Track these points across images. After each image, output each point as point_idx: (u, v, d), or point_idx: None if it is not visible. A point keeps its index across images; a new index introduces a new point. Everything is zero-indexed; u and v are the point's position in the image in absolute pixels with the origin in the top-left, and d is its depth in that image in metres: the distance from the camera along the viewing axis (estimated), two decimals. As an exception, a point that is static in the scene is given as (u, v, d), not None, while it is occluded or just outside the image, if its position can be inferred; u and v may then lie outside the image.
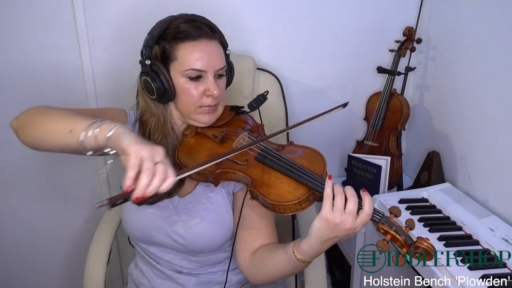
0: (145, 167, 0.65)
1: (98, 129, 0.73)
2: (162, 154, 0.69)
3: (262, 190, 0.82)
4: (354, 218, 0.76)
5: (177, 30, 0.91)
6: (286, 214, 0.82)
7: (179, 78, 0.92)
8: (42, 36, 1.34)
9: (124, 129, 0.72)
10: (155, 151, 0.68)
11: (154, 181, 0.65)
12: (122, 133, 0.71)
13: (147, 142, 0.70)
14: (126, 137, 0.70)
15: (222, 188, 0.99)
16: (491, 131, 1.24)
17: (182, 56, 0.90)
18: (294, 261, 0.84)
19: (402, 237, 0.76)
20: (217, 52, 0.94)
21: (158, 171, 0.66)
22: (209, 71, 0.92)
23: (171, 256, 1.03)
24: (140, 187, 0.65)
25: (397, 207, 0.80)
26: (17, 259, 1.59)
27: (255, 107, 1.03)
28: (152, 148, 0.68)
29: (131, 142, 0.68)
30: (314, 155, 0.90)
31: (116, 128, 0.72)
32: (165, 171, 0.67)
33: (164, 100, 0.94)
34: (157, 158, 0.67)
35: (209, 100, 0.93)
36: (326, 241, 0.79)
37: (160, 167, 0.67)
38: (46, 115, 0.83)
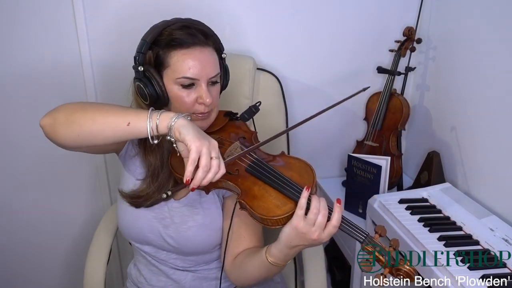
0: (203, 163, 0.74)
1: (158, 119, 0.79)
2: (217, 148, 0.77)
3: (250, 202, 0.83)
4: (322, 230, 0.79)
5: (170, 37, 0.90)
6: (274, 227, 0.82)
7: (172, 86, 0.91)
8: (42, 36, 1.34)
9: (184, 121, 0.78)
10: (212, 147, 0.76)
11: (209, 175, 0.75)
12: (183, 126, 0.77)
13: (204, 134, 0.78)
14: (188, 130, 0.76)
15: (213, 193, 1.00)
16: (491, 131, 1.24)
17: (175, 64, 0.90)
18: (267, 265, 0.86)
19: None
20: (211, 59, 0.93)
21: (213, 166, 0.75)
22: (202, 79, 0.91)
23: (165, 256, 1.04)
24: (197, 179, 0.74)
25: (382, 227, 0.82)
26: (17, 259, 1.59)
27: (247, 118, 1.04)
28: (209, 143, 0.76)
29: (193, 137, 0.75)
30: (305, 168, 0.90)
31: (177, 119, 0.78)
32: (218, 165, 0.76)
33: (157, 106, 0.93)
34: (213, 154, 0.76)
35: (201, 108, 0.93)
36: (294, 247, 0.82)
37: (215, 162, 0.76)
38: (94, 110, 0.84)
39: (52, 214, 1.56)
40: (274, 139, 0.90)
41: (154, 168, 0.97)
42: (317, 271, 1.14)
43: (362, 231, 0.80)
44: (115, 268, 1.63)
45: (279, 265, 0.86)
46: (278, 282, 1.14)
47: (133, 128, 0.80)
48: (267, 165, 0.89)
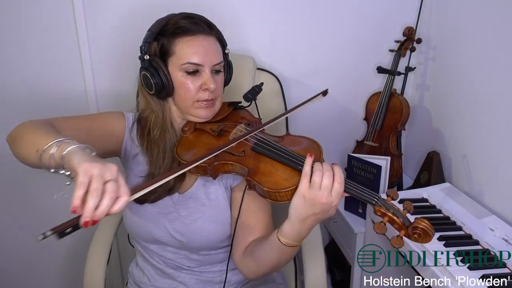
0: (93, 187, 0.60)
1: (56, 148, 0.70)
2: (114, 171, 0.63)
3: (258, 178, 0.83)
4: (329, 192, 0.78)
5: (175, 26, 0.92)
6: (283, 201, 0.82)
7: (177, 73, 0.93)
8: (42, 36, 1.34)
9: (78, 149, 0.68)
10: (107, 169, 0.63)
11: (103, 202, 0.60)
12: (75, 152, 0.67)
13: (101, 160, 0.65)
14: (77, 155, 0.65)
15: (220, 183, 1.00)
16: (491, 131, 1.24)
17: (179, 51, 0.92)
18: (279, 246, 0.85)
19: (400, 219, 0.76)
20: (214, 47, 0.95)
21: (108, 190, 0.61)
22: (206, 65, 0.93)
23: (172, 255, 1.03)
24: (86, 209, 0.59)
25: (394, 191, 0.81)
26: (17, 259, 1.59)
27: (250, 98, 1.04)
28: (103, 165, 0.63)
29: (80, 160, 0.63)
30: (311, 144, 0.91)
31: (71, 147, 0.68)
32: (115, 190, 0.62)
33: (162, 95, 0.95)
34: (107, 176, 0.62)
35: (206, 94, 0.94)
36: (305, 220, 0.80)
37: (110, 186, 0.61)
38: (26, 131, 0.81)
39: (52, 214, 1.56)
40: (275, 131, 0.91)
41: (156, 159, 0.97)
42: (317, 271, 1.14)
43: (373, 193, 0.79)
44: (115, 268, 1.63)
45: (291, 246, 0.85)
46: (280, 283, 1.14)
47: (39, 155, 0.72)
48: (273, 142, 0.90)
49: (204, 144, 0.95)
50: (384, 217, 0.77)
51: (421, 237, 0.74)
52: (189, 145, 0.96)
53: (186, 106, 0.96)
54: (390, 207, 0.78)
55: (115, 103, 1.43)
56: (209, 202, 0.99)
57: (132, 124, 1.02)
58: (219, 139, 0.96)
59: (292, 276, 1.29)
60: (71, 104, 1.43)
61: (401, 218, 0.76)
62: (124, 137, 1.01)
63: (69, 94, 1.41)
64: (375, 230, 0.76)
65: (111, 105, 1.44)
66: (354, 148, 1.66)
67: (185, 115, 0.99)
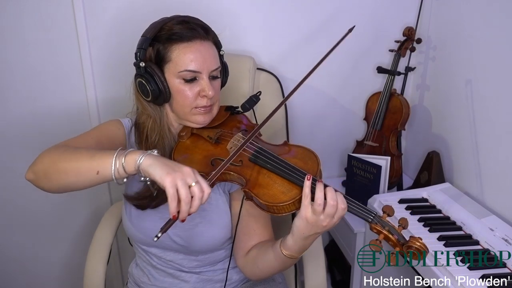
0: (183, 196, 0.70)
1: (124, 162, 0.76)
2: (192, 174, 0.73)
3: (256, 191, 0.83)
4: (332, 218, 0.79)
5: (170, 32, 0.90)
6: (281, 214, 0.82)
7: (174, 80, 0.92)
8: (42, 36, 1.34)
9: (150, 159, 0.75)
10: (186, 175, 0.72)
11: (194, 203, 0.72)
12: (150, 165, 0.74)
13: (174, 165, 0.74)
14: (155, 169, 0.73)
15: (219, 188, 1.00)
16: (491, 131, 1.24)
17: (176, 58, 0.90)
18: (282, 258, 0.87)
19: (395, 237, 0.77)
20: (211, 53, 0.94)
21: (195, 193, 0.72)
22: (204, 72, 0.92)
23: (172, 257, 1.03)
24: (183, 212, 0.71)
25: (390, 207, 0.81)
26: (17, 259, 1.59)
27: (247, 108, 1.03)
28: (182, 172, 0.72)
29: (162, 173, 0.71)
30: (308, 155, 0.90)
31: (142, 160, 0.75)
32: (200, 189, 0.72)
33: (159, 101, 0.94)
34: (189, 181, 0.72)
35: (204, 101, 0.93)
36: (307, 238, 0.82)
37: (196, 189, 0.72)
38: (64, 161, 0.81)
39: (52, 214, 1.56)
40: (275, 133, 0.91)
41: None
42: (317, 271, 1.14)
43: (370, 210, 0.80)
44: (115, 268, 1.63)
45: (294, 257, 0.86)
46: (280, 282, 1.14)
47: (102, 176, 0.78)
48: (271, 153, 0.89)
49: (201, 150, 0.95)
50: (379, 234, 0.78)
51: (415, 255, 0.75)
52: (186, 150, 0.96)
53: (183, 112, 0.95)
54: (386, 225, 0.78)
55: (115, 103, 1.43)
56: (209, 206, 0.99)
57: (130, 129, 1.02)
58: (216, 147, 0.95)
59: (292, 276, 1.29)
60: (71, 104, 1.43)
61: (396, 235, 0.77)
62: (125, 144, 1.01)
63: (69, 94, 1.41)
64: (370, 247, 0.78)
65: (110, 105, 1.44)
66: (354, 148, 1.66)
67: (182, 120, 0.99)
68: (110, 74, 1.42)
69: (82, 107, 1.43)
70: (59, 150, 0.83)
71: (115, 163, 0.76)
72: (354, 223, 1.40)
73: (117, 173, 0.76)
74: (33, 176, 0.83)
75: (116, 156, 0.77)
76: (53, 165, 0.81)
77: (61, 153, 0.82)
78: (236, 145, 0.92)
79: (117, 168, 0.76)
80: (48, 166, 0.81)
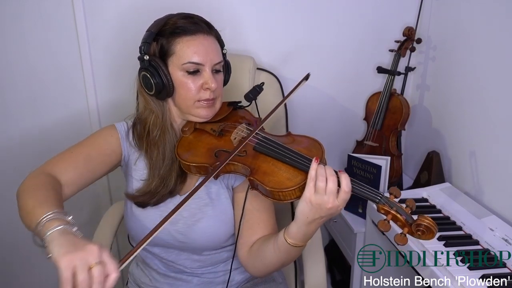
0: (80, 279, 0.60)
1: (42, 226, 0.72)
2: (96, 252, 0.63)
3: (261, 178, 0.83)
4: (335, 197, 0.78)
5: (174, 26, 0.92)
6: (286, 201, 0.82)
7: (177, 73, 0.92)
8: (42, 36, 1.34)
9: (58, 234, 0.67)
10: (88, 254, 0.63)
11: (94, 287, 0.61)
12: (53, 241, 0.66)
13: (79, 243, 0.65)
14: (56, 244, 0.65)
15: (222, 182, 0.99)
16: (491, 131, 1.24)
17: (179, 50, 0.91)
18: (286, 246, 0.86)
19: (403, 217, 0.76)
20: (214, 47, 0.95)
21: (95, 276, 0.62)
22: (207, 65, 0.93)
23: (174, 256, 1.03)
24: None
25: (396, 188, 0.81)
26: (16, 259, 1.59)
27: (251, 98, 1.03)
28: (84, 251, 0.63)
29: (59, 252, 0.63)
30: (312, 143, 0.91)
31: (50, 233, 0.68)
32: (102, 272, 0.62)
33: (162, 95, 0.94)
34: (91, 261, 0.62)
35: (207, 94, 0.94)
36: (311, 222, 0.81)
37: (97, 271, 0.62)
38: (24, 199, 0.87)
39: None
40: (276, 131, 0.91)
41: (156, 161, 0.97)
42: (317, 271, 1.14)
43: (376, 191, 0.80)
44: (115, 268, 1.63)
45: (298, 246, 0.85)
46: (280, 282, 1.14)
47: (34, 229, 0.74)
48: (275, 141, 0.90)
49: (205, 144, 0.95)
50: (387, 215, 0.78)
51: (424, 234, 0.75)
52: (190, 145, 0.96)
53: (186, 106, 0.96)
54: (393, 205, 0.78)
55: (115, 103, 1.43)
56: (211, 201, 0.99)
57: (127, 131, 1.02)
58: (220, 139, 0.96)
59: (292, 276, 1.29)
60: (71, 104, 1.43)
61: (404, 215, 0.77)
62: (121, 149, 1.01)
63: (69, 94, 1.41)
64: (379, 227, 0.77)
65: (110, 105, 1.44)
66: (354, 148, 1.66)
67: (185, 115, 0.99)
68: (110, 74, 1.42)
69: (82, 107, 1.43)
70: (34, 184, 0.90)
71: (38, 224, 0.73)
72: (354, 223, 1.40)
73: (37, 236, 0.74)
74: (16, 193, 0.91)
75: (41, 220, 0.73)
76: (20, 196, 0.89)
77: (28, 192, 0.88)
78: (240, 136, 0.93)
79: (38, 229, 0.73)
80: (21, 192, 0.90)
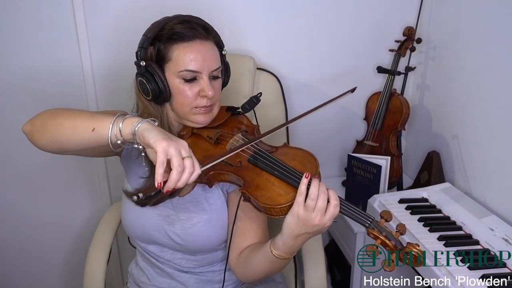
0: (175, 164, 0.69)
1: (121, 124, 0.75)
2: (187, 147, 0.73)
3: (254, 192, 0.83)
4: (323, 215, 0.79)
5: (171, 31, 0.91)
6: (278, 216, 0.82)
7: (174, 79, 0.92)
8: (42, 36, 1.34)
9: (148, 125, 0.74)
10: (181, 146, 0.72)
11: (184, 176, 0.70)
12: (147, 129, 0.73)
13: (172, 135, 0.73)
14: (152, 133, 0.72)
15: (218, 188, 1.00)
16: (491, 131, 1.24)
17: (176, 57, 0.90)
18: (272, 258, 0.86)
19: (392, 242, 0.77)
20: (212, 52, 0.94)
21: (187, 166, 0.70)
22: (204, 72, 0.92)
23: (170, 256, 1.04)
24: (171, 181, 0.69)
25: (388, 212, 0.81)
26: (17, 259, 1.59)
27: (248, 109, 1.03)
28: (177, 143, 0.71)
29: (157, 139, 0.70)
30: (307, 157, 0.90)
31: (140, 123, 0.74)
32: (192, 165, 0.71)
33: (159, 101, 0.94)
34: (183, 153, 0.71)
35: (204, 101, 0.94)
36: (297, 237, 0.82)
37: (188, 162, 0.71)
38: (63, 116, 0.83)
39: (52, 214, 1.56)
40: (275, 134, 0.91)
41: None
42: (317, 271, 1.14)
43: (367, 215, 0.80)
44: (115, 268, 1.63)
45: (283, 258, 0.86)
46: (280, 282, 1.14)
47: (98, 134, 0.77)
48: (270, 155, 0.89)
49: (201, 150, 0.95)
50: (376, 239, 0.78)
51: (412, 262, 0.75)
52: None
53: (183, 112, 0.96)
54: (383, 230, 0.78)
55: (115, 103, 1.43)
56: (209, 206, 0.99)
57: None
58: (216, 147, 0.95)
59: (292, 276, 1.29)
60: (71, 104, 1.41)
61: (394, 241, 0.77)
62: None
63: (69, 94, 1.41)
64: (366, 252, 0.78)
65: (110, 105, 1.44)
66: (354, 148, 1.66)
67: (182, 120, 0.99)
68: (110, 74, 1.42)
69: (82, 107, 1.43)
70: (61, 108, 0.86)
71: (113, 124, 0.76)
72: (354, 223, 1.39)
73: (113, 134, 0.76)
74: (30, 127, 0.86)
75: (116, 118, 0.77)
76: (52, 118, 0.84)
77: (63, 110, 0.85)
78: (235, 146, 0.92)
79: (114, 128, 0.76)
80: (47, 118, 0.85)
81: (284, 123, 1.01)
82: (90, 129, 0.78)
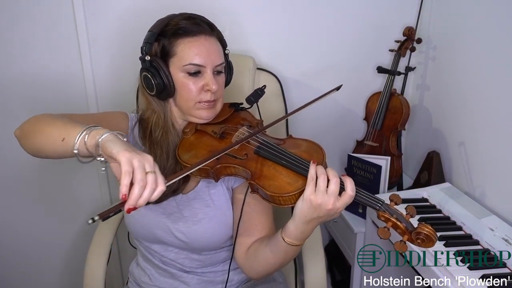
0: (137, 178, 0.65)
1: (87, 136, 0.73)
2: (151, 162, 0.68)
3: (261, 182, 0.83)
4: (336, 199, 0.78)
5: (176, 27, 0.92)
6: (286, 205, 0.82)
7: (178, 74, 0.92)
8: (42, 36, 1.34)
9: (113, 137, 0.71)
10: (145, 160, 0.67)
11: (145, 192, 0.65)
12: (111, 141, 0.70)
13: (136, 149, 0.70)
14: (115, 144, 0.69)
15: (222, 184, 1.00)
16: (491, 131, 1.24)
17: (181, 52, 0.91)
18: (284, 246, 0.85)
19: (403, 224, 0.77)
20: (216, 48, 0.95)
21: (149, 181, 0.66)
22: (208, 66, 0.92)
23: (174, 255, 1.03)
24: (132, 198, 0.64)
25: (397, 195, 0.81)
26: (16, 259, 1.59)
27: (253, 101, 1.03)
28: (142, 156, 0.67)
29: (120, 149, 0.67)
30: (314, 147, 0.91)
31: (105, 135, 0.71)
32: (155, 181, 0.67)
33: (163, 96, 0.94)
34: (147, 167, 0.67)
35: (207, 96, 0.94)
36: (309, 222, 0.81)
37: (151, 177, 0.66)
38: (46, 123, 0.82)
39: (52, 214, 1.56)
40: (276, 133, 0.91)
41: (160, 160, 0.97)
42: (317, 271, 1.14)
43: (378, 198, 0.80)
44: (115, 268, 1.63)
45: (295, 245, 0.85)
46: (280, 282, 1.14)
47: (66, 144, 0.75)
48: (276, 145, 0.90)
49: (206, 146, 0.95)
50: (387, 222, 0.78)
51: (424, 242, 0.75)
52: (190, 146, 0.96)
53: (187, 107, 0.96)
54: (394, 212, 0.78)
55: (115, 103, 1.43)
56: (213, 203, 0.99)
57: (134, 124, 1.02)
58: (221, 142, 0.95)
59: (292, 275, 1.29)
60: (71, 104, 1.42)
61: (405, 223, 0.77)
62: (128, 138, 1.01)
63: (70, 94, 1.41)
64: (378, 235, 0.77)
65: (110, 105, 1.44)
66: (354, 148, 1.66)
67: (186, 116, 0.99)
68: (110, 74, 1.42)
69: (82, 107, 1.43)
70: (51, 115, 0.85)
71: (81, 134, 0.73)
72: (354, 223, 1.40)
73: (79, 145, 0.73)
74: (19, 133, 0.87)
75: (86, 128, 0.74)
76: (36, 124, 0.84)
77: (48, 117, 0.84)
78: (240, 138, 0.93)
79: (80, 139, 0.73)
80: (33, 124, 0.85)
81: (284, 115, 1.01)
82: (61, 138, 0.76)
